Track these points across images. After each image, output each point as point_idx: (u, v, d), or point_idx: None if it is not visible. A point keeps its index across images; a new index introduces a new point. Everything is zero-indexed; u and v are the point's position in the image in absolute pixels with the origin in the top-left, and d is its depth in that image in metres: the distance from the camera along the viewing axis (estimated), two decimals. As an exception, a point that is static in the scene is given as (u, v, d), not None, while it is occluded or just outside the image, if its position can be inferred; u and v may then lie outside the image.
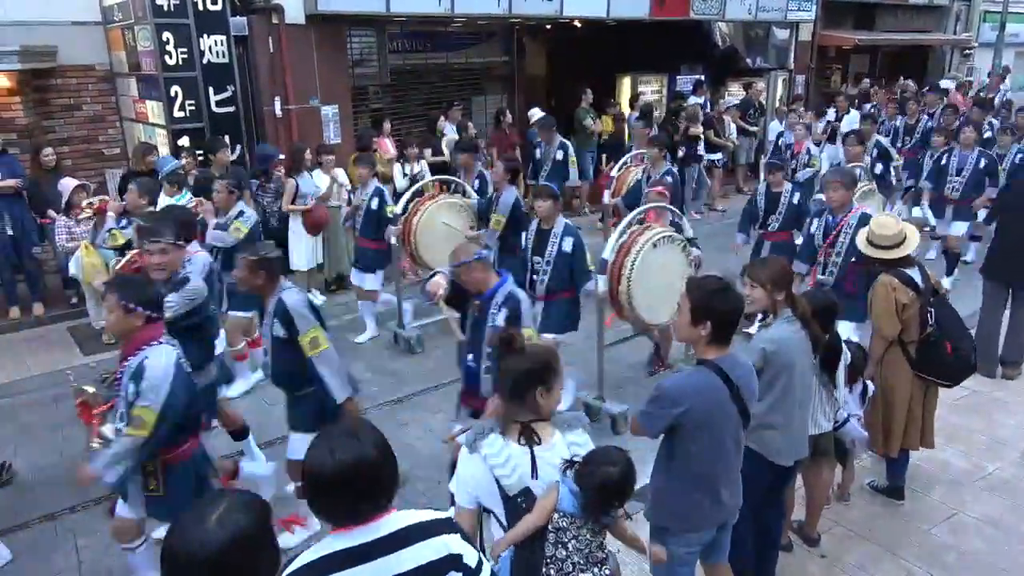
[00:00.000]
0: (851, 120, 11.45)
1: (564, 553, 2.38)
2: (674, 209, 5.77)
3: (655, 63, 13.40)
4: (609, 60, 13.14)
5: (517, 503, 2.41)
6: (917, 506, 4.47)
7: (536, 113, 10.79)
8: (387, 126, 9.60)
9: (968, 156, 8.14)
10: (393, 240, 6.50)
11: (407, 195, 6.84)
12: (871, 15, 16.79)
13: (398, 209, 6.65)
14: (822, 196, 5.69)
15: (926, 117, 10.60)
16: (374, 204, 6.76)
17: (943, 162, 8.29)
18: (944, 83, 15.01)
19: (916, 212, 9.01)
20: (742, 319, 2.81)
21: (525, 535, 2.40)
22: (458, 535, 1.95)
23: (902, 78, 15.65)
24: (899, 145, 10.17)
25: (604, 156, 11.77)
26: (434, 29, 11.45)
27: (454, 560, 1.90)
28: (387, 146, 9.16)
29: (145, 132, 8.58)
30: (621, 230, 5.15)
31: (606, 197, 8.34)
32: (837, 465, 4.32)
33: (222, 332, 4.94)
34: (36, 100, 8.50)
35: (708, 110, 12.20)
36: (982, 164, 8.07)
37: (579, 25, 11.78)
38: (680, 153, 10.54)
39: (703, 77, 13.43)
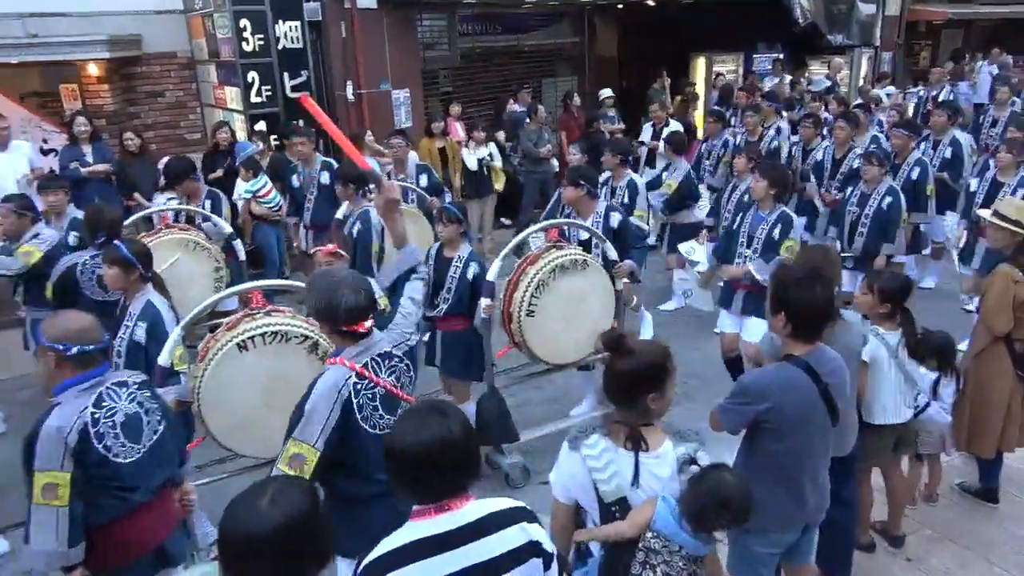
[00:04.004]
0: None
1: None
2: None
3: (730, 42, 12.99)
4: (682, 39, 12.81)
5: (611, 512, 2.25)
6: (1012, 509, 4.22)
7: (605, 92, 10.63)
8: (456, 109, 9.60)
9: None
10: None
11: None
12: (965, -14, 15.89)
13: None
14: None
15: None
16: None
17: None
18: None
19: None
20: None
21: (608, 538, 2.29)
22: (536, 523, 1.96)
23: (998, 51, 14.65)
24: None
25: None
26: (504, 11, 11.36)
27: (534, 547, 1.91)
28: (456, 129, 9.17)
29: (224, 117, 8.82)
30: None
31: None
32: (921, 463, 4.13)
33: None
34: (123, 87, 8.84)
35: (790, 91, 11.74)
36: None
37: (652, 3, 11.50)
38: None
39: (781, 55, 12.94)
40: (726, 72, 12.89)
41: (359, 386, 2.65)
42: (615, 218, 4.95)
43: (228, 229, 5.74)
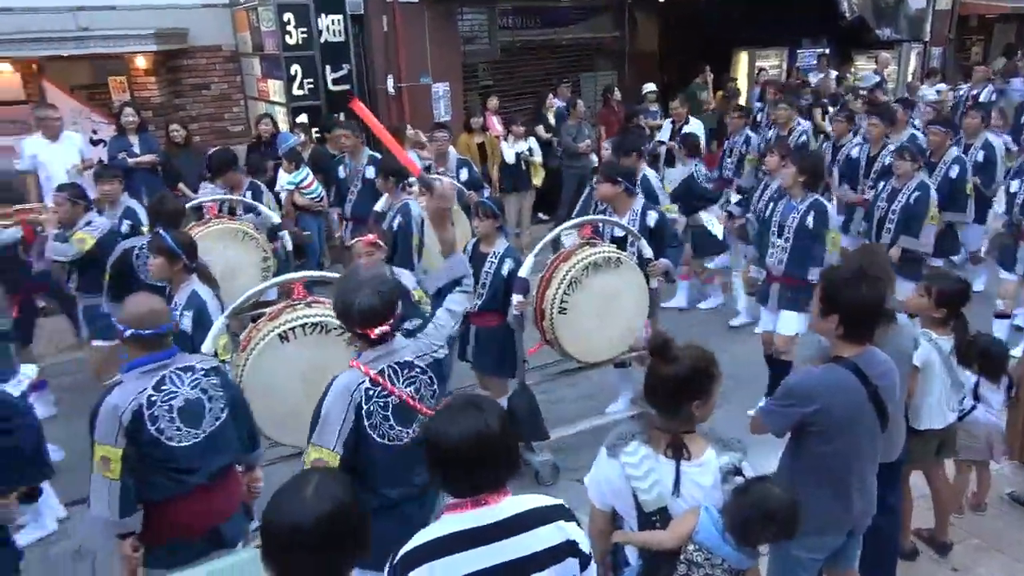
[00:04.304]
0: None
1: None
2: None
3: (775, 36, 12.75)
4: (725, 34, 12.61)
5: (651, 521, 2.19)
6: (1064, 521, 4.09)
7: (649, 87, 10.51)
8: (494, 103, 9.59)
9: None
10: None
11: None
12: (1021, -21, 15.36)
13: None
14: None
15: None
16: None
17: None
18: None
19: None
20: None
21: (647, 546, 2.22)
22: (574, 522, 1.95)
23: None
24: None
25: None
26: (544, 5, 11.30)
27: (571, 546, 1.90)
28: (494, 123, 9.16)
29: (266, 110, 8.93)
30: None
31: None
32: (969, 469, 4.02)
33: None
34: (169, 80, 9.01)
35: (836, 87, 11.50)
36: None
37: (694, -4, 11.36)
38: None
39: (827, 50, 12.66)
40: (769, 67, 12.66)
41: (371, 392, 2.60)
42: (652, 216, 4.88)
43: (275, 219, 5.83)
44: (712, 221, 6.48)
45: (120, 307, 2.93)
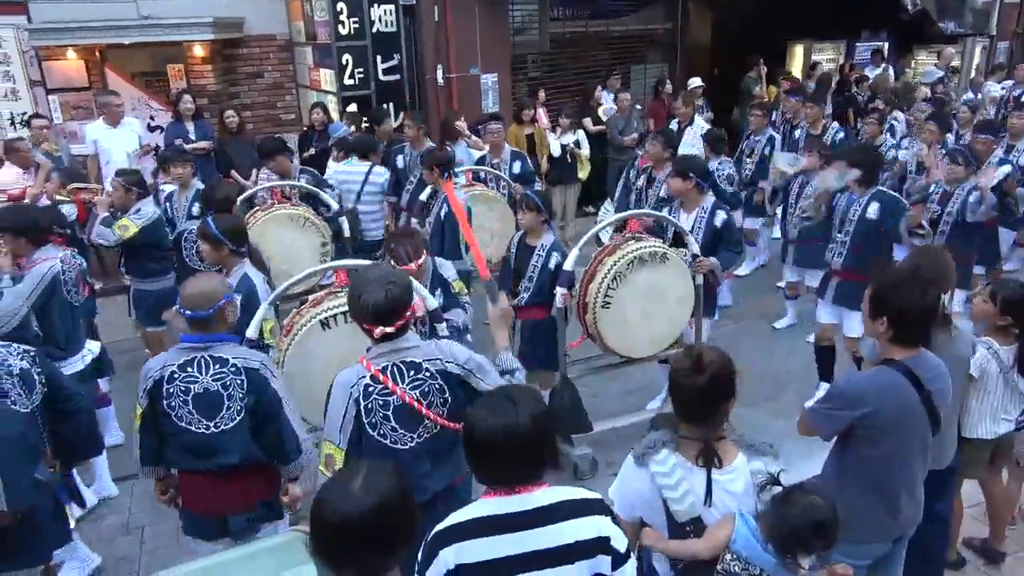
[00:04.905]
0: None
1: None
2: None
3: (833, 29, 12.41)
4: (781, 26, 12.33)
5: (685, 532, 2.15)
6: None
7: (695, 82, 10.35)
8: (541, 95, 9.56)
9: None
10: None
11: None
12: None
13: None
14: None
15: None
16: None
17: None
18: None
19: None
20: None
21: (679, 554, 2.17)
22: (609, 518, 1.93)
23: None
24: None
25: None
26: (596, -4, 11.22)
27: (604, 543, 1.88)
28: (541, 116, 9.13)
29: (318, 99, 9.06)
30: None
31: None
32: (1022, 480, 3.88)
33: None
34: (224, 68, 9.20)
35: (894, 81, 11.17)
36: None
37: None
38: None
39: (887, 43, 12.28)
40: (825, 61, 12.35)
41: (371, 389, 2.55)
42: (720, 216, 4.81)
43: (335, 206, 5.93)
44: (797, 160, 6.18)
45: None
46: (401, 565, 1.73)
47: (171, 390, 2.82)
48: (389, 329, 2.53)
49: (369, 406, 2.56)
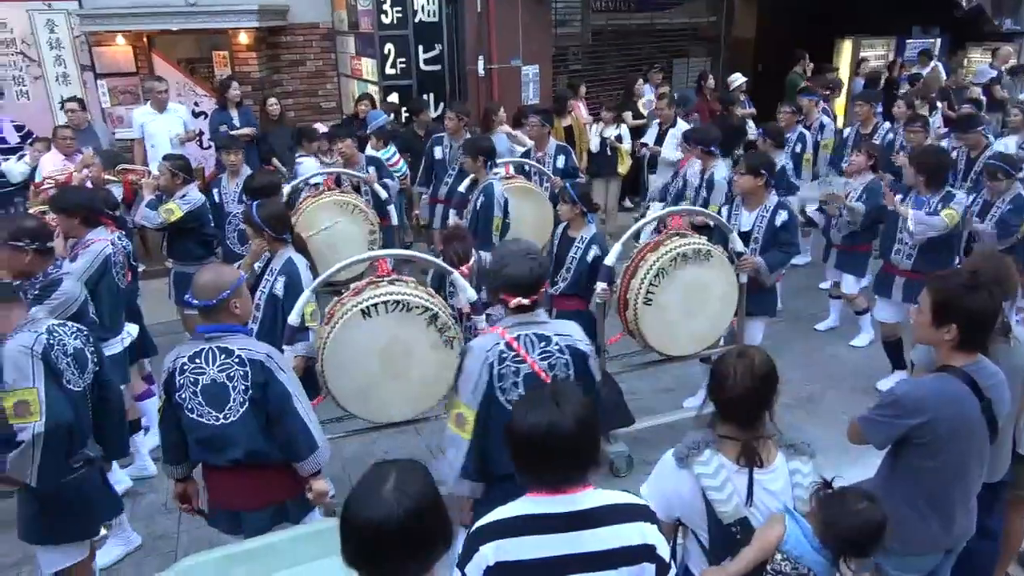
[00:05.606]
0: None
1: None
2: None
3: (883, 25, 12.10)
4: (829, 21, 12.06)
5: (730, 532, 2.12)
6: None
7: (738, 79, 10.18)
8: (582, 89, 9.48)
9: None
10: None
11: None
12: None
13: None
14: None
15: None
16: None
17: None
18: None
19: None
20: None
21: (743, 572, 2.12)
22: (655, 525, 1.89)
23: None
24: None
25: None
26: (640, -13, 11.10)
27: (649, 550, 1.84)
28: (581, 109, 9.06)
29: (359, 88, 9.09)
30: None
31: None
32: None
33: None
34: (268, 55, 9.28)
35: (946, 78, 10.85)
36: None
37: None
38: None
39: (938, 40, 11.94)
40: (874, 58, 12.04)
41: (505, 355, 2.71)
42: (782, 216, 4.73)
43: (384, 194, 5.97)
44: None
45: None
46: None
47: (182, 382, 2.82)
48: (525, 301, 2.69)
49: (503, 371, 2.72)
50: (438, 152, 6.83)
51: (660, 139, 7.80)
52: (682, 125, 7.74)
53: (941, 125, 7.94)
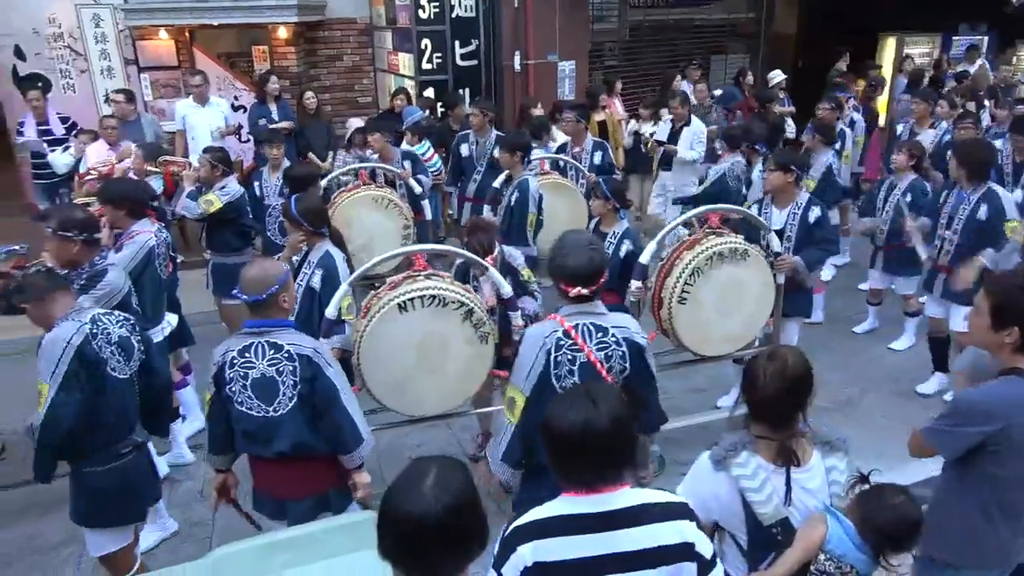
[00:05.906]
0: None
1: None
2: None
3: (927, 21, 11.82)
4: (871, 17, 11.81)
5: (771, 534, 2.10)
6: None
7: (777, 75, 10.02)
8: (618, 86, 9.42)
9: None
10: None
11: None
12: None
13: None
14: None
15: None
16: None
17: None
18: None
19: None
20: None
21: (788, 574, 2.11)
22: (694, 523, 1.87)
23: None
24: None
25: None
26: (679, -18, 10.99)
27: (687, 548, 1.82)
28: (616, 106, 9.00)
29: (395, 83, 9.15)
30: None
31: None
32: None
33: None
34: (306, 50, 9.38)
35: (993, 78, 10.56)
36: None
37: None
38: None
39: (987, 37, 11.62)
40: (918, 55, 11.77)
41: (562, 343, 2.73)
42: (815, 212, 4.66)
43: (418, 189, 6.00)
44: None
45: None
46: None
47: (232, 375, 2.87)
48: (585, 291, 2.71)
49: (559, 358, 2.74)
50: (464, 149, 6.83)
51: (673, 137, 7.64)
52: (696, 123, 7.62)
53: (990, 123, 7.74)
